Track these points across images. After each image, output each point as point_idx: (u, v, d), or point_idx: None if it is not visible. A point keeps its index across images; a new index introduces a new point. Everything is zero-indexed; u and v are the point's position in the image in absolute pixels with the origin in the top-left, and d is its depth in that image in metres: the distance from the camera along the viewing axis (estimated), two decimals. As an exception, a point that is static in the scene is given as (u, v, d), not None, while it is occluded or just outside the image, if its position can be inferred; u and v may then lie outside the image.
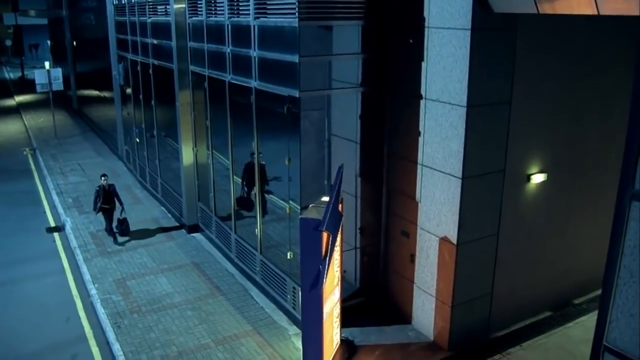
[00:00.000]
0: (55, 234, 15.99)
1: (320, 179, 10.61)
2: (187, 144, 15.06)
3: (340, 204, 9.45)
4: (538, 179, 10.32)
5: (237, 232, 13.13)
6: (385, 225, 11.35)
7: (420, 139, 10.04)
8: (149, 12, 16.37)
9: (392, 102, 10.68)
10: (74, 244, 14.84)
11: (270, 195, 12.00)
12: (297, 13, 9.40)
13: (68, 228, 15.90)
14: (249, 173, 12.19)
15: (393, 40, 10.43)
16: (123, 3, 18.85)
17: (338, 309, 9.96)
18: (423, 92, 9.82)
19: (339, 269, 9.77)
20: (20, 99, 38.28)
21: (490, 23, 8.94)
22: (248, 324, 11.12)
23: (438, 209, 9.84)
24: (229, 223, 13.39)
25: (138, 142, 19.31)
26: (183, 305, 11.80)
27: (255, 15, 10.71)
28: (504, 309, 10.65)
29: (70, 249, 14.83)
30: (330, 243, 8.82)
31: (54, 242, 15.51)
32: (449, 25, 9.10)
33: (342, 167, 8.98)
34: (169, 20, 14.62)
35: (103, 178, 15.08)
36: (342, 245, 9.82)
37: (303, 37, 9.53)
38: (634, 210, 5.26)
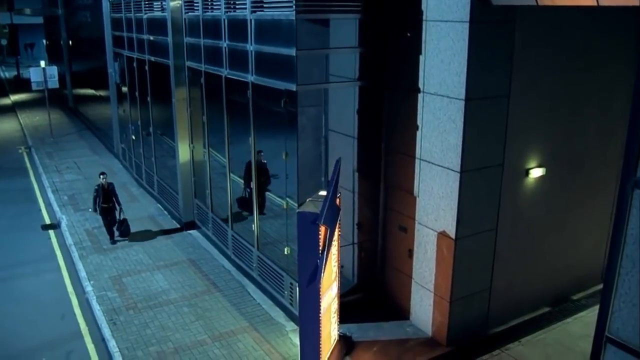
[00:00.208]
0: (51, 232, 15.88)
1: (318, 175, 10.53)
2: (183, 141, 14.97)
3: (338, 199, 9.38)
4: (536, 174, 10.26)
5: (233, 228, 13.05)
6: (383, 221, 11.28)
7: (418, 133, 9.97)
8: (145, 8, 16.28)
9: (389, 96, 10.62)
10: (70, 241, 14.74)
11: (268, 192, 11.92)
12: (294, 6, 9.32)
13: (63, 225, 15.80)
14: (251, 172, 11.97)
15: (391, 34, 10.37)
16: (119, 0, 18.76)
17: (336, 305, 9.89)
18: (421, 85, 9.76)
19: (337, 264, 9.70)
20: (16, 98, 38.11)
21: (489, 16, 8.88)
22: (245, 320, 11.04)
23: (436, 204, 9.78)
24: (226, 219, 13.31)
25: (134, 139, 19.21)
26: (179, 302, 11.71)
27: (252, 9, 10.64)
28: (503, 305, 10.60)
29: (66, 247, 14.72)
30: (328, 237, 8.75)
31: (49, 239, 15.40)
32: (447, 18, 9.04)
33: (339, 160, 8.91)
34: (165, 16, 14.54)
35: (102, 176, 14.57)
36: (339, 240, 9.74)
37: (300, 30, 9.45)
38: (637, 199, 5.19)
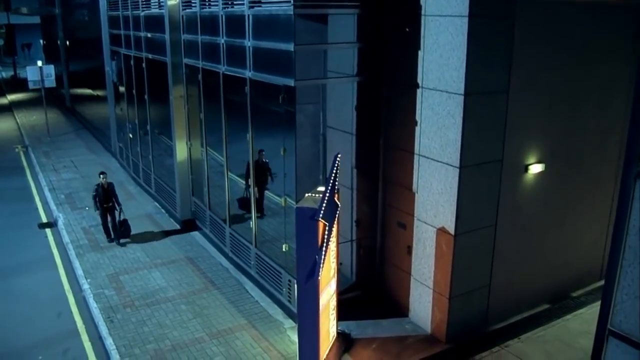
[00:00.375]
0: (47, 230, 15.79)
1: (316, 173, 10.46)
2: (180, 138, 14.90)
3: (337, 194, 9.32)
4: (536, 170, 10.22)
5: (231, 226, 12.98)
6: (382, 217, 11.22)
7: (417, 129, 9.92)
8: (142, 5, 16.21)
9: (388, 92, 10.57)
10: (66, 240, 14.65)
11: (266, 191, 11.82)
12: (292, 1, 9.27)
13: (60, 224, 15.71)
14: (257, 173, 11.70)
15: (389, 29, 10.32)
16: (116, -3, 18.71)
17: (334, 302, 9.82)
18: (420, 81, 9.71)
19: (335, 261, 9.63)
20: (12, 98, 37.98)
21: (488, 10, 8.85)
22: (243, 318, 10.97)
23: (435, 200, 9.73)
24: (223, 217, 13.24)
25: (131, 137, 19.13)
26: (177, 300, 11.64)
27: (250, 5, 10.57)
28: (502, 302, 10.55)
29: (63, 245, 14.64)
30: (327, 233, 8.69)
31: (46, 237, 15.31)
32: (446, 13, 8.99)
33: (338, 156, 8.85)
34: (163, 13, 14.48)
35: (102, 176, 14.19)
36: (338, 237, 9.68)
37: (298, 25, 9.39)
38: (639, 190, 5.14)
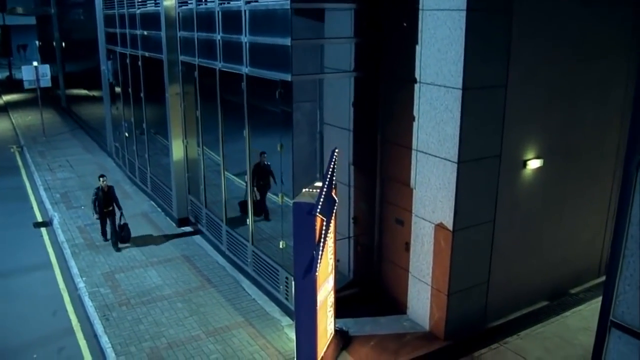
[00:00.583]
0: (43, 229, 15.67)
1: (313, 171, 10.37)
2: (177, 136, 14.80)
3: (334, 190, 9.24)
4: (534, 165, 10.16)
5: (227, 223, 12.89)
6: (380, 214, 11.15)
7: (415, 124, 9.86)
8: (138, 3, 16.11)
9: (385, 87, 10.50)
10: (62, 238, 14.54)
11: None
12: (289, -5, 9.22)
13: (56, 223, 15.60)
14: (259, 175, 11.51)
15: (386, 24, 10.25)
16: (112, -4, 18.62)
17: (332, 298, 9.74)
18: (417, 75, 9.65)
19: (333, 257, 9.56)
20: (8, 98, 37.82)
21: (486, 4, 8.82)
22: (240, 316, 10.88)
23: (433, 195, 9.66)
24: (220, 215, 13.15)
25: (127, 136, 19.02)
26: (173, 298, 11.54)
27: (247, 0, 10.50)
28: (501, 298, 10.48)
29: (58, 244, 14.52)
30: (324, 228, 8.61)
31: (41, 237, 15.19)
32: (444, 7, 8.93)
33: (335, 150, 8.77)
34: (159, 10, 14.38)
35: (102, 179, 13.76)
36: (335, 234, 9.60)
37: (295, 20, 9.33)
38: (641, 180, 5.10)
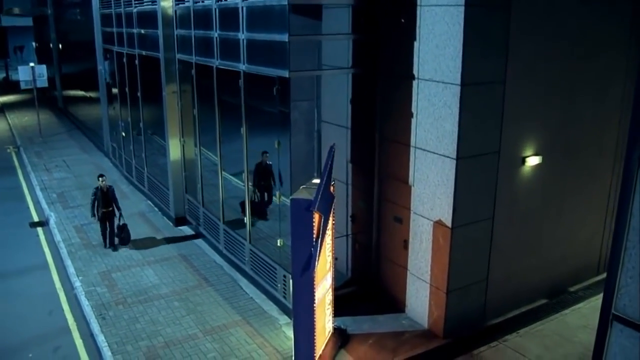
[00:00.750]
0: (39, 229, 15.58)
1: (311, 170, 10.28)
2: (174, 135, 14.73)
3: (332, 186, 9.19)
4: (533, 162, 10.11)
5: (225, 222, 12.82)
6: (378, 212, 11.09)
7: (413, 121, 9.81)
8: (135, 2, 16.05)
9: (383, 84, 10.45)
10: (58, 238, 14.45)
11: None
12: (286, -9, 9.16)
13: (52, 222, 15.50)
14: (261, 175, 11.26)
15: (384, 20, 10.20)
16: (108, -5, 18.56)
17: (330, 296, 9.68)
18: (415, 72, 9.60)
19: (331, 254, 9.49)
20: (4, 99, 37.68)
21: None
22: (237, 314, 10.81)
23: (432, 192, 9.60)
24: (217, 214, 13.08)
25: (124, 136, 18.95)
26: (170, 297, 11.46)
27: (244, -4, 10.46)
28: (500, 296, 10.42)
29: (54, 243, 14.43)
30: (322, 225, 8.55)
31: (37, 236, 15.10)
32: (442, 3, 8.88)
33: (333, 146, 8.71)
34: (155, 9, 14.33)
35: (101, 179, 13.41)
36: (333, 231, 9.54)
37: (293, 15, 9.27)
38: (643, 172, 5.04)
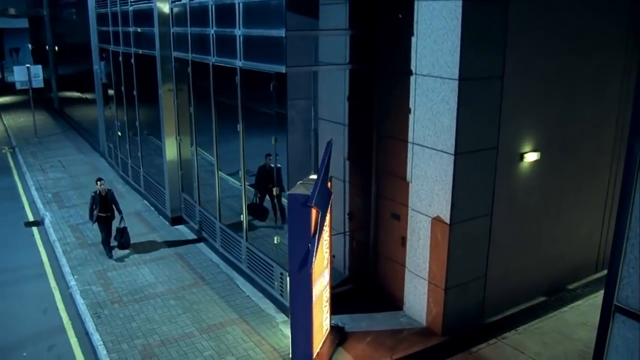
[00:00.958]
0: (34, 228, 15.46)
1: (307, 168, 10.21)
2: (170, 134, 14.64)
3: (330, 182, 9.12)
4: (531, 158, 10.06)
5: (221, 220, 12.73)
6: (375, 209, 11.01)
7: (411, 117, 9.74)
8: (131, 0, 15.97)
9: (381, 80, 10.39)
10: (53, 237, 14.34)
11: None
12: (283, -14, 9.10)
13: (47, 222, 15.40)
14: (264, 179, 10.93)
15: (382, 16, 10.14)
16: (104, -6, 18.48)
17: (327, 293, 9.59)
18: (413, 67, 9.54)
19: (329, 251, 9.41)
20: (0, 101, 37.54)
21: (482, -7, 8.72)
22: (234, 313, 10.72)
23: (430, 188, 9.54)
24: (214, 212, 12.99)
25: (120, 135, 18.85)
26: (166, 295, 11.37)
27: (240, -8, 10.39)
28: (498, 293, 10.36)
29: (49, 243, 14.32)
30: (320, 221, 8.47)
31: (32, 236, 14.98)
32: (440, -3, 8.84)
33: (331, 141, 8.64)
34: (151, 6, 14.25)
35: (99, 183, 12.89)
36: (331, 227, 9.46)
37: (289, 11, 9.21)
38: (646, 157, 4.97)
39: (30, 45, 45.24)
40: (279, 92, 9.78)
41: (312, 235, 8.33)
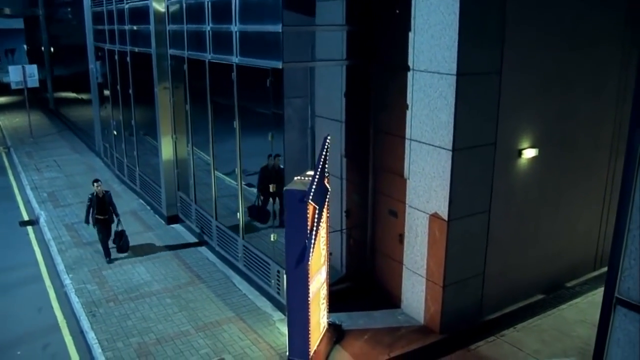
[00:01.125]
0: (29, 227, 15.35)
1: (304, 166, 10.13)
2: (166, 132, 14.55)
3: (327, 178, 9.04)
4: (529, 154, 10.00)
5: (218, 218, 12.64)
6: (372, 206, 10.94)
7: (408, 113, 9.68)
8: (127, -2, 15.91)
9: (378, 76, 10.33)
10: (48, 236, 14.23)
11: (253, 188, 11.44)
12: (279, -19, 9.03)
13: (42, 221, 15.28)
14: (268, 180, 10.62)
15: (379, 11, 10.08)
16: (100, -7, 18.39)
17: (325, 291, 9.51)
18: (410, 63, 9.48)
19: (326, 247, 9.33)
20: (-5, 101, 37.44)
21: (480, -12, 8.67)
22: (230, 311, 10.63)
23: (428, 184, 9.47)
24: (210, 210, 12.90)
25: (116, 134, 18.76)
26: (162, 293, 11.27)
27: (236, -12, 10.32)
28: (497, 291, 10.29)
29: (44, 242, 14.22)
30: (317, 217, 8.40)
31: (27, 235, 14.87)
32: (437, -8, 8.78)
33: (327, 137, 8.57)
34: (147, 4, 14.17)
35: (96, 184, 12.64)
36: (328, 224, 9.38)
37: (286, 6, 9.15)
38: (647, 144, 4.90)
39: (26, 46, 45.12)
40: (276, 88, 9.71)
41: (309, 231, 8.25)
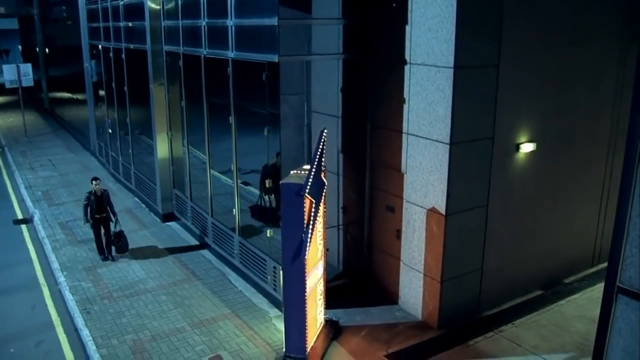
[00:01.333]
0: (23, 226, 15.21)
1: (301, 162, 10.04)
2: (161, 129, 14.44)
3: (323, 172, 8.96)
4: (527, 149, 9.94)
5: (213, 215, 12.54)
6: (369, 202, 10.87)
7: (405, 107, 9.61)
8: (121, -5, 15.81)
9: (375, 70, 10.26)
10: (42, 234, 14.10)
11: (249, 187, 11.34)
12: (275, -26, 8.95)
13: (36, 219, 15.15)
14: (269, 177, 10.36)
15: (375, 5, 10.01)
16: (94, -10, 18.28)
17: (321, 286, 9.43)
18: (407, 56, 9.42)
19: (322, 243, 9.25)
20: (-10, 101, 37.23)
21: (477, -20, 8.61)
22: (226, 308, 10.53)
23: (425, 179, 9.40)
24: (206, 207, 12.80)
25: (110, 132, 18.64)
26: (157, 291, 11.16)
27: (232, -18, 10.24)
28: (495, 286, 10.22)
29: (38, 240, 14.08)
30: (313, 211, 8.32)
31: (21, 233, 14.74)
32: (434, -15, 8.72)
33: (323, 131, 8.49)
34: (142, 0, 14.06)
35: (94, 182, 12.37)
36: (325, 220, 9.30)
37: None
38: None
39: (20, 47, 44.94)
40: (272, 82, 9.62)
41: (305, 226, 8.17)
